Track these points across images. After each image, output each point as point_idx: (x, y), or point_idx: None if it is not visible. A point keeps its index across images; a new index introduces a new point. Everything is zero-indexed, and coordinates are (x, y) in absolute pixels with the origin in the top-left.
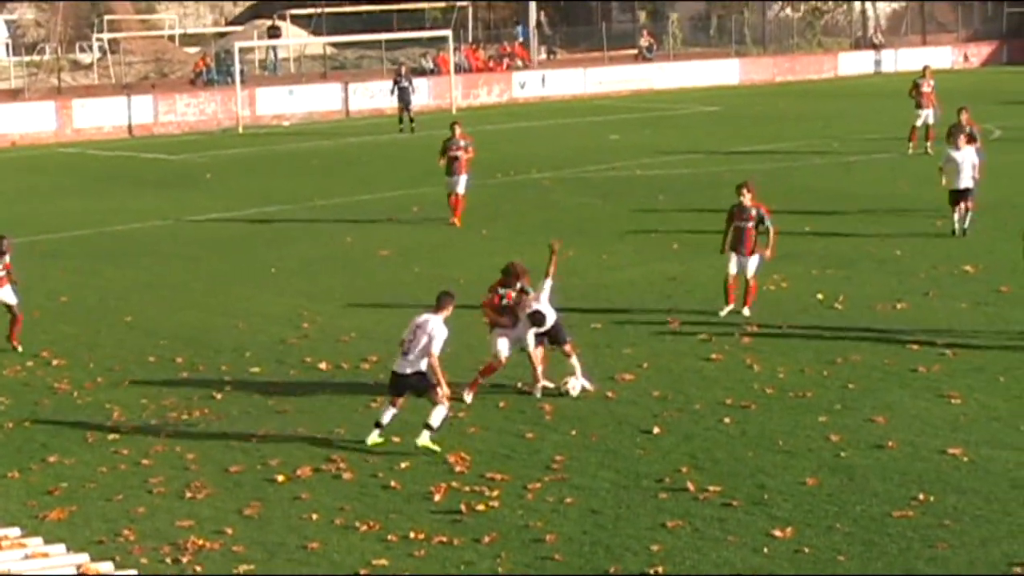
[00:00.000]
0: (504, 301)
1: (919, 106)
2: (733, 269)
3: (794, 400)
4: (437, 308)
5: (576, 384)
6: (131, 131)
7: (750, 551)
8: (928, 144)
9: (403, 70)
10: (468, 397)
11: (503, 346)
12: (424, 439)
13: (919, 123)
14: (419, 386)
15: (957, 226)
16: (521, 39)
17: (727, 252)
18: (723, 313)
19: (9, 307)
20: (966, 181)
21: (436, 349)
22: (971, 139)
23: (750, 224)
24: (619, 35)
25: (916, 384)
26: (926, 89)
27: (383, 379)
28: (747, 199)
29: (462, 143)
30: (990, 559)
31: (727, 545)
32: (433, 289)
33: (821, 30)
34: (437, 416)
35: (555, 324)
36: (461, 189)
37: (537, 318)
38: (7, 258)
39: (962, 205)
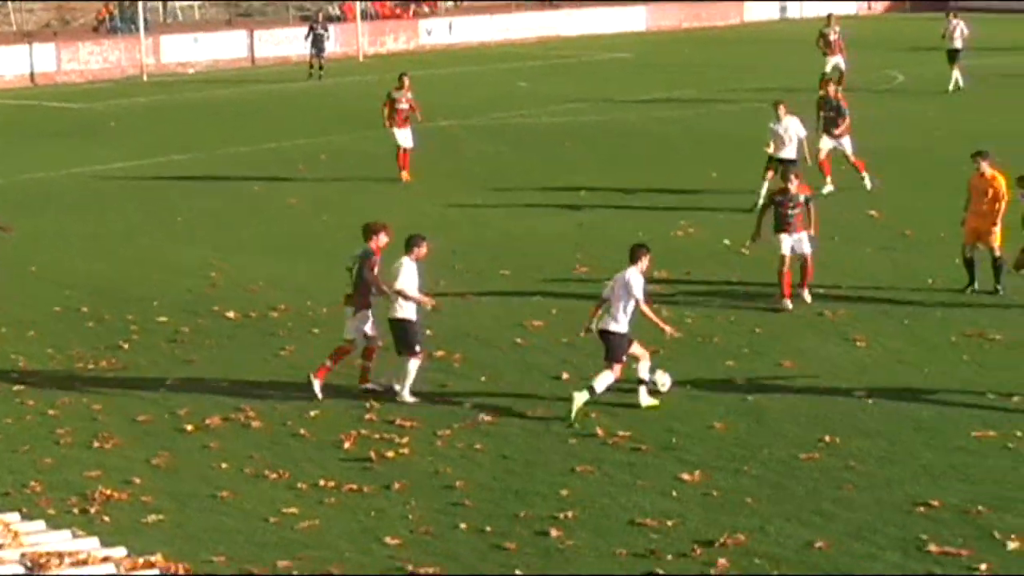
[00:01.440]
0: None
1: (827, 54)
2: (787, 251)
3: (702, 345)
4: (632, 260)
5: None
6: (33, 80)
7: (659, 495)
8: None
9: (320, 17)
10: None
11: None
12: (647, 398)
13: (829, 69)
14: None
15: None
16: None
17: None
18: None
19: None
20: (789, 152)
21: (639, 295)
22: (839, 114)
23: (799, 211)
24: None
25: (823, 329)
26: (833, 37)
27: (292, 327)
28: (794, 186)
29: (409, 95)
30: (894, 499)
31: (636, 489)
32: (342, 238)
33: None
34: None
35: None
36: (409, 143)
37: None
38: None
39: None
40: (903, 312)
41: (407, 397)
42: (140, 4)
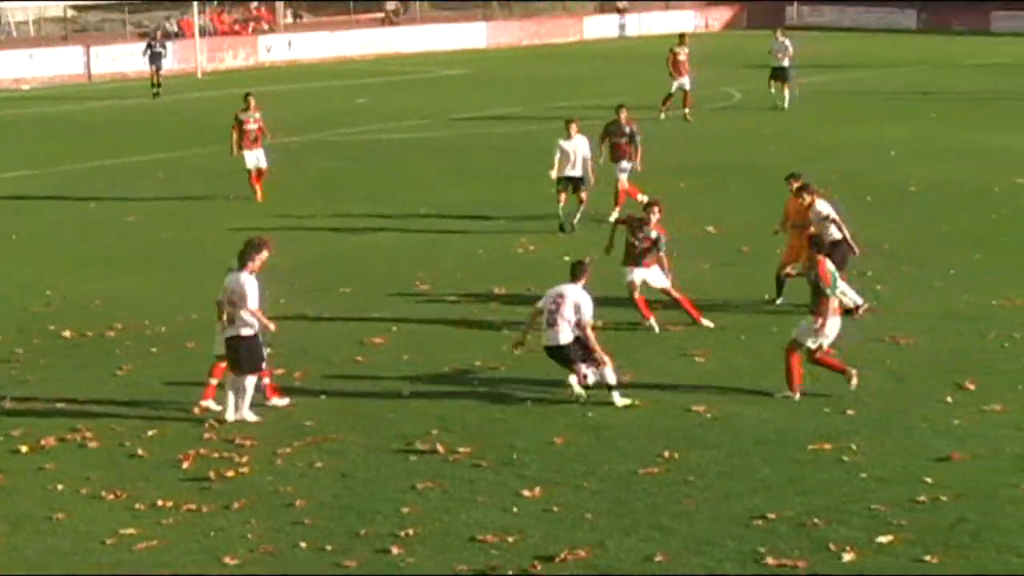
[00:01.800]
0: None
1: (673, 74)
2: (636, 280)
3: (542, 361)
4: (574, 278)
5: None
6: None
7: (499, 511)
8: (686, 111)
9: (157, 34)
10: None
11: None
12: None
13: (674, 89)
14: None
15: (563, 218)
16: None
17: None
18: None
19: None
20: (576, 171)
21: (587, 318)
22: (631, 139)
23: (648, 245)
24: None
25: (662, 343)
26: (682, 58)
27: (129, 346)
28: (654, 219)
29: (257, 115)
30: (733, 513)
31: (477, 505)
32: (181, 254)
33: None
34: (611, 374)
35: None
36: (263, 163)
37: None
38: None
39: (571, 195)
40: (740, 327)
41: (247, 415)
42: None
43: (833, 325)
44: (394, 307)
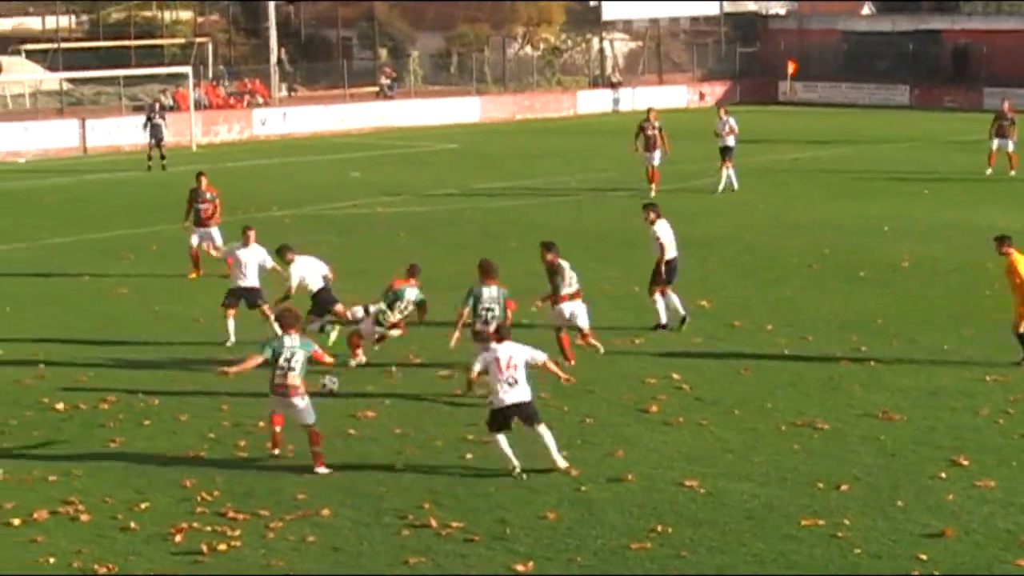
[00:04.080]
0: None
1: (646, 148)
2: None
3: (531, 435)
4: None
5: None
6: None
7: None
8: (652, 186)
9: (156, 106)
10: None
11: None
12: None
13: (649, 164)
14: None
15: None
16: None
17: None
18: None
19: None
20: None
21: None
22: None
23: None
24: (360, 72)
25: (652, 418)
26: (650, 132)
27: (122, 419)
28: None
29: (208, 196)
30: None
31: None
32: (173, 327)
33: (560, 68)
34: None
35: None
36: (218, 241)
37: None
38: None
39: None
40: (731, 401)
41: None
42: None
43: None
44: (385, 380)
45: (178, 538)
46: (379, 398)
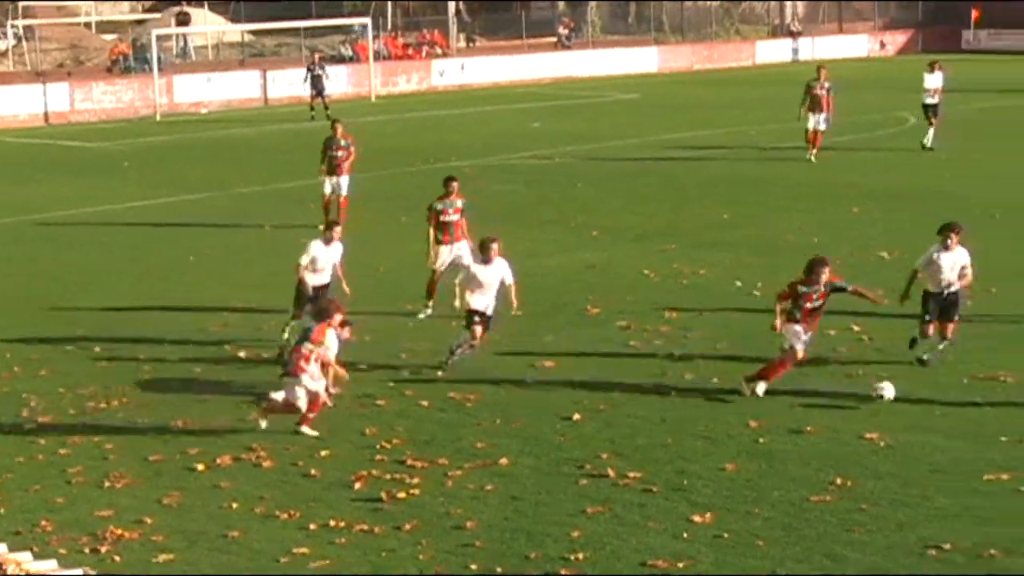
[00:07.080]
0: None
1: (811, 109)
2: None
3: (714, 386)
4: None
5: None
6: (47, 119)
7: (670, 537)
8: (814, 151)
9: (316, 58)
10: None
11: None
12: None
13: (810, 127)
14: None
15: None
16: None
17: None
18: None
19: None
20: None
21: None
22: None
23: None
24: (538, 23)
25: (832, 372)
26: (818, 92)
27: None
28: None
29: (343, 143)
30: (907, 543)
31: (647, 531)
32: (355, 275)
33: (739, 18)
34: None
35: None
36: (344, 191)
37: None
38: None
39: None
40: (912, 353)
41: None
42: (154, 44)
43: None
44: (565, 330)
45: (358, 485)
46: (559, 347)
